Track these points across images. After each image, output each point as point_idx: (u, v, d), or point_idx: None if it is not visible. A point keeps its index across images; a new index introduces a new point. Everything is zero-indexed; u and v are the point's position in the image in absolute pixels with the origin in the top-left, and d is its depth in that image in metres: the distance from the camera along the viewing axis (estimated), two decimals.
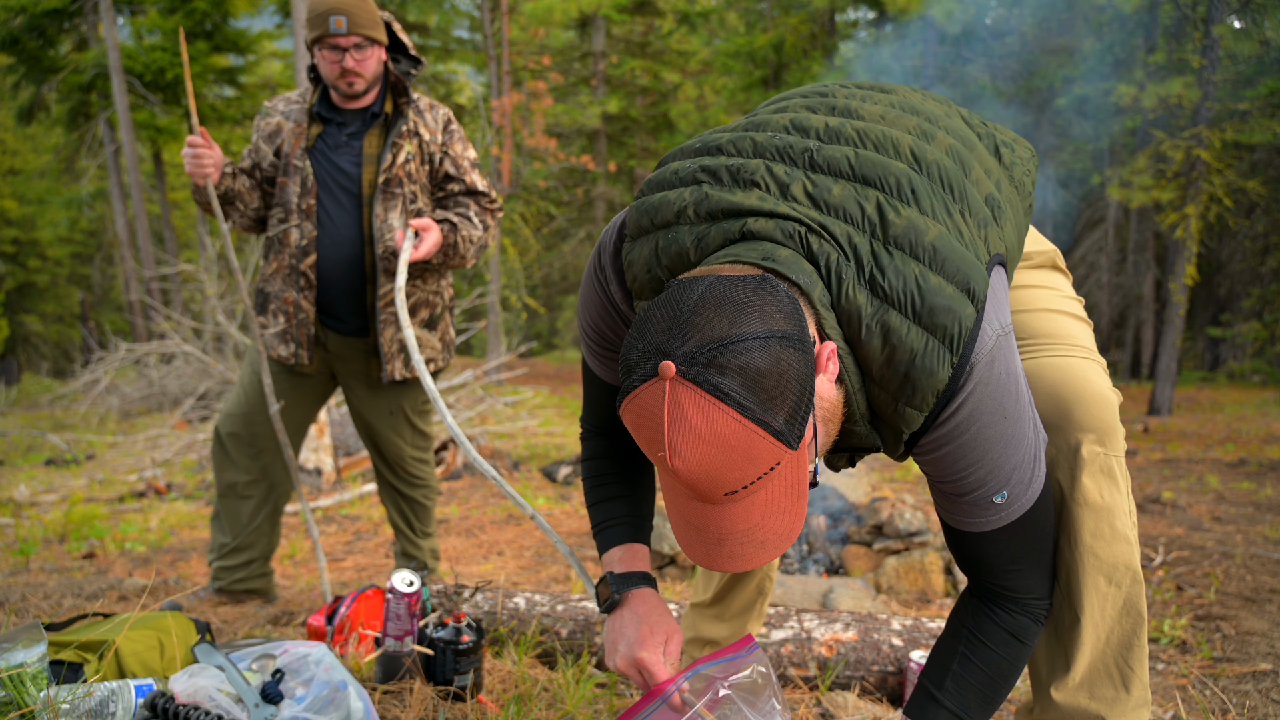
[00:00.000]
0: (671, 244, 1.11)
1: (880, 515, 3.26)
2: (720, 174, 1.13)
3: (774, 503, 0.98)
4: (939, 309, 1.02)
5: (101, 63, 14.85)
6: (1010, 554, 1.21)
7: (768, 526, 0.99)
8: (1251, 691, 2.12)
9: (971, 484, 1.13)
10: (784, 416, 0.92)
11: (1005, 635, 1.25)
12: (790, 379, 0.92)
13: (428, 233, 2.44)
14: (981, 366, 1.05)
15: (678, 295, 0.97)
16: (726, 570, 1.03)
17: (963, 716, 1.25)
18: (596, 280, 1.28)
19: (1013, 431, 1.11)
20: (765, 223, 1.06)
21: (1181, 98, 10.90)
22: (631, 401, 0.96)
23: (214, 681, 1.45)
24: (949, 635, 1.30)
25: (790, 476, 0.97)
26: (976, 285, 1.04)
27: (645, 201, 1.17)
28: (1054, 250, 1.45)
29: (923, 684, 1.29)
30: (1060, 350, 1.29)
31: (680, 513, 1.02)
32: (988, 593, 1.26)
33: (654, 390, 0.93)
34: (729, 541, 0.99)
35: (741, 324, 0.92)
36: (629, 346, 0.99)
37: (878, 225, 1.05)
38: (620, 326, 1.29)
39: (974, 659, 1.25)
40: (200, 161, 2.40)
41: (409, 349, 2.02)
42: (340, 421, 6.19)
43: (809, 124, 1.18)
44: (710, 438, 0.91)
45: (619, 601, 1.36)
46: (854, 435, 1.11)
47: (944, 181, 1.11)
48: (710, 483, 0.94)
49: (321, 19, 2.40)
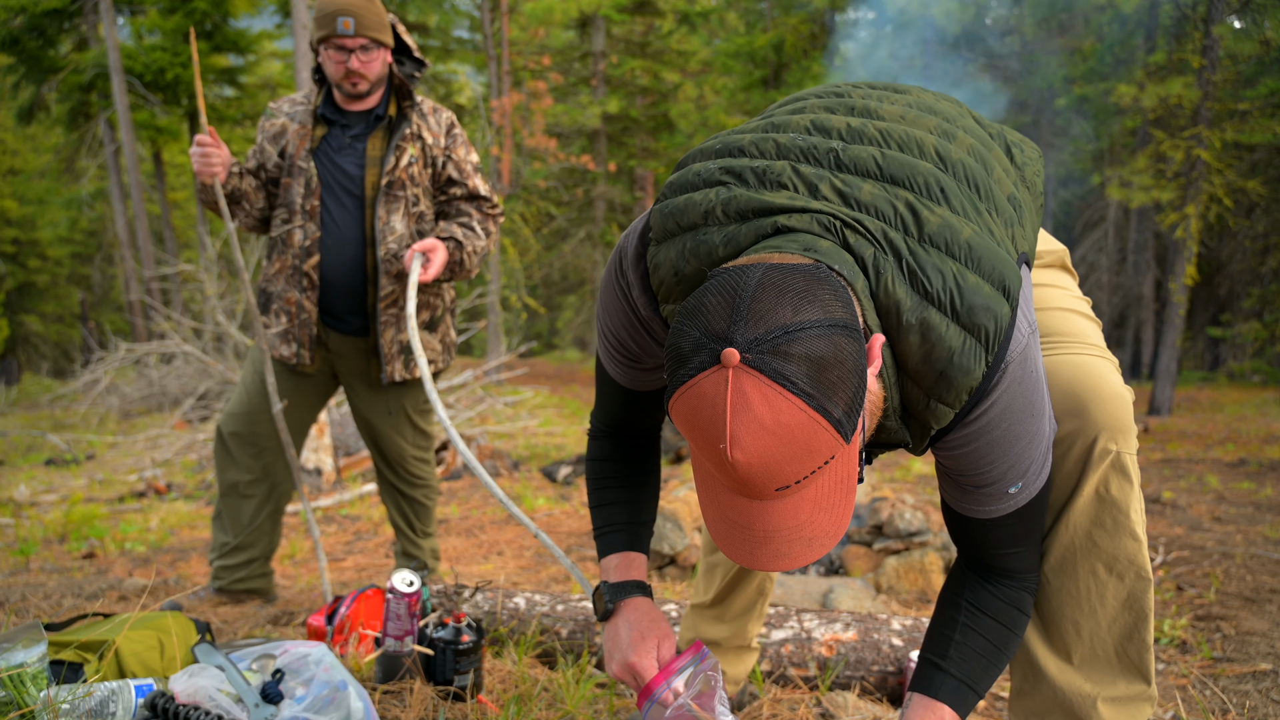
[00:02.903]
0: (700, 245, 1.09)
1: (880, 515, 3.26)
2: (745, 175, 1.12)
3: (824, 498, 0.95)
4: (978, 308, 1.01)
5: (101, 63, 14.85)
6: (1014, 537, 1.22)
7: (816, 523, 0.96)
8: (1251, 691, 2.12)
9: (992, 477, 1.14)
10: (843, 407, 0.89)
11: (1004, 606, 1.26)
12: (850, 369, 0.90)
13: (434, 253, 2.45)
14: (1015, 365, 1.05)
15: (733, 282, 0.93)
16: (771, 570, 1.00)
17: (969, 683, 1.25)
18: (617, 285, 1.26)
19: (1036, 428, 1.12)
20: (800, 217, 1.05)
21: (1181, 98, 10.91)
22: (687, 391, 0.91)
23: (214, 681, 1.45)
24: (947, 607, 1.30)
25: (842, 471, 0.95)
26: (1011, 284, 1.04)
27: (669, 204, 1.15)
28: (1063, 250, 1.46)
29: (925, 658, 1.29)
30: (1075, 348, 1.29)
31: (721, 510, 0.98)
32: (984, 569, 1.27)
33: (715, 379, 0.89)
34: (776, 539, 0.96)
35: (804, 311, 0.89)
36: (679, 334, 0.94)
37: (911, 223, 1.04)
38: (640, 332, 1.27)
39: (976, 629, 1.26)
40: (208, 160, 2.41)
41: (420, 365, 2.06)
42: (340, 421, 6.19)
43: (830, 125, 1.17)
44: (775, 428, 0.87)
45: (613, 610, 1.39)
46: (885, 430, 1.10)
47: (970, 181, 1.11)
48: (766, 476, 0.90)
49: (329, 19, 2.40)
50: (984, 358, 1.02)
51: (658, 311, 1.19)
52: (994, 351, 1.02)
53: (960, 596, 1.28)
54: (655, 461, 1.51)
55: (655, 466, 1.51)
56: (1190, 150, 10.83)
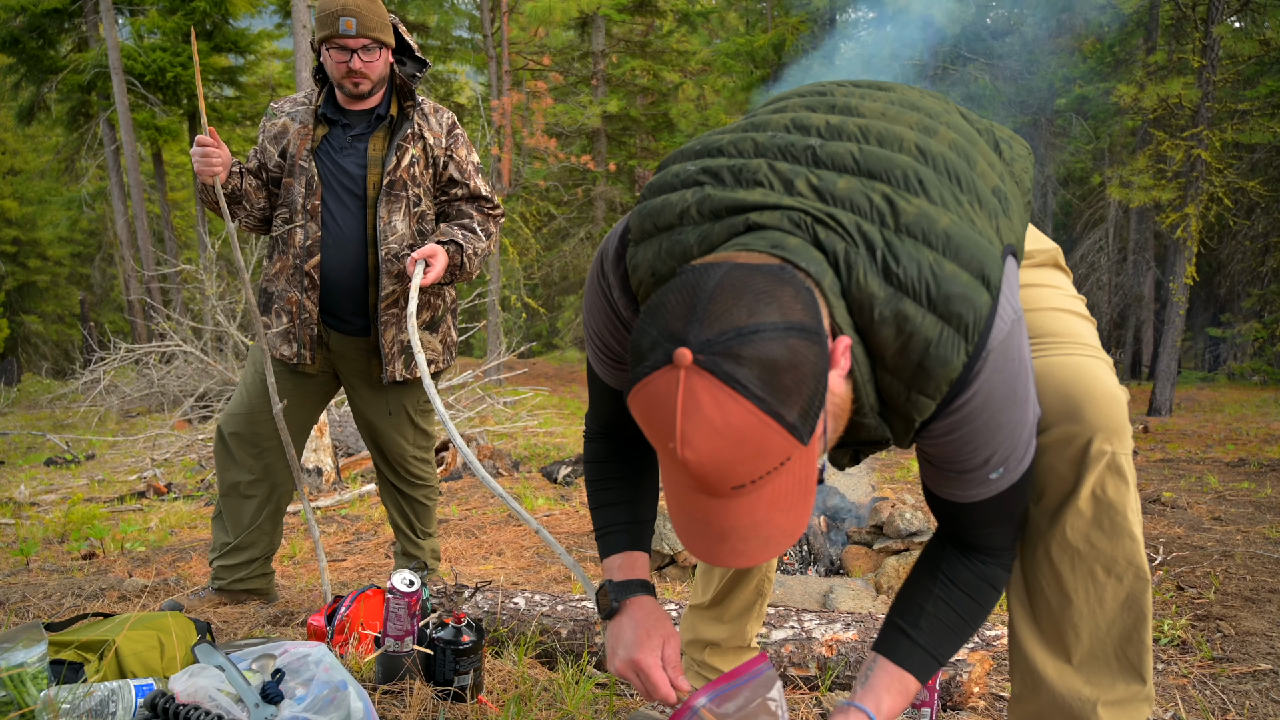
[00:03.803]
0: (676, 245, 1.11)
1: (880, 515, 3.26)
2: (722, 174, 1.13)
3: (781, 498, 0.96)
4: (954, 297, 1.01)
5: (101, 63, 14.86)
6: (993, 518, 1.23)
7: (773, 522, 0.97)
8: (1251, 691, 2.12)
9: (974, 464, 1.14)
10: (798, 410, 0.90)
11: (979, 581, 1.26)
12: (806, 373, 0.90)
13: (435, 259, 2.45)
14: (996, 354, 1.04)
15: (694, 280, 0.94)
16: (729, 566, 1.01)
17: (934, 654, 1.26)
18: (600, 287, 1.27)
19: (1019, 416, 1.11)
20: (771, 214, 1.05)
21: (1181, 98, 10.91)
22: (643, 389, 0.93)
23: (214, 681, 1.45)
24: (923, 575, 1.30)
25: (799, 472, 0.95)
26: (991, 271, 1.03)
27: (647, 205, 1.16)
28: (1055, 249, 1.45)
29: (894, 622, 1.29)
30: (1068, 349, 1.29)
31: (683, 506, 1.00)
32: (962, 545, 1.28)
33: (668, 378, 0.90)
34: (733, 537, 0.97)
35: (760, 313, 0.90)
36: (640, 332, 0.95)
37: (887, 214, 1.04)
38: (623, 333, 1.27)
39: (949, 601, 1.26)
40: (209, 160, 2.41)
41: (421, 367, 2.07)
42: (340, 421, 6.19)
43: (809, 123, 1.18)
44: (724, 429, 0.88)
45: (617, 609, 1.39)
46: (863, 428, 1.10)
47: (950, 173, 1.10)
48: (719, 475, 0.91)
49: (331, 19, 2.40)
50: (963, 348, 1.01)
51: (638, 312, 1.19)
52: (973, 341, 1.02)
53: (938, 567, 1.28)
54: (653, 460, 1.51)
55: (653, 465, 1.51)
56: (1190, 150, 10.83)
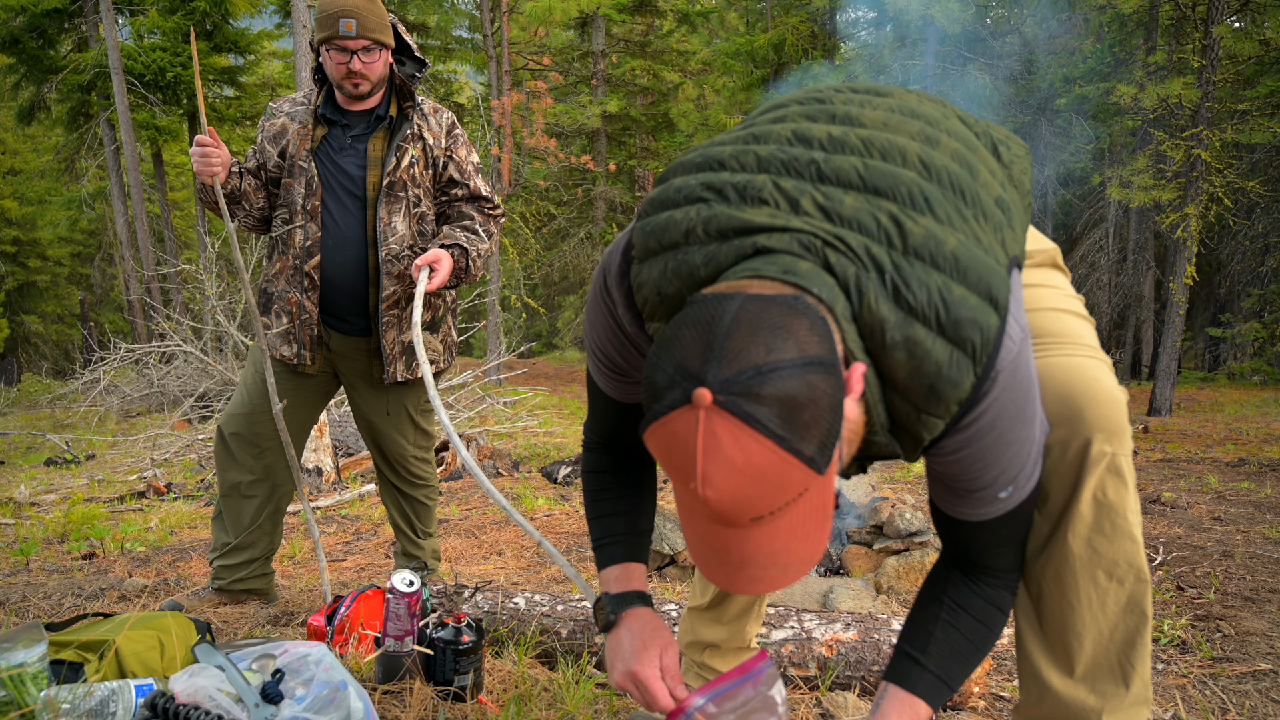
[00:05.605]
0: (682, 265, 1.09)
1: (880, 515, 3.26)
2: (726, 191, 1.11)
3: (799, 526, 0.96)
4: (964, 321, 1.00)
5: (101, 63, 14.86)
6: (1000, 538, 1.23)
7: (791, 550, 0.97)
8: (1251, 691, 2.12)
9: (984, 482, 1.14)
10: (816, 444, 0.90)
11: (986, 605, 1.27)
12: (824, 406, 0.90)
13: (440, 264, 2.45)
14: (1005, 374, 1.04)
15: (708, 314, 0.93)
16: (748, 593, 1.01)
17: (944, 679, 1.27)
18: (603, 302, 1.26)
19: (1027, 433, 1.12)
20: (780, 237, 1.04)
21: (1181, 98, 10.91)
22: (660, 428, 0.93)
23: (214, 681, 1.45)
24: (930, 601, 1.30)
25: (816, 501, 0.96)
26: (999, 292, 1.03)
27: (650, 222, 1.14)
28: (1054, 248, 1.44)
29: (904, 649, 1.29)
30: (1068, 350, 1.29)
31: (700, 535, 1.00)
32: (968, 566, 1.28)
33: (687, 418, 0.90)
34: (751, 565, 0.98)
35: (777, 350, 0.89)
36: (654, 367, 0.95)
37: (895, 236, 1.04)
38: (627, 348, 1.27)
39: (957, 626, 1.27)
40: (208, 160, 2.41)
41: (423, 369, 2.06)
42: (340, 421, 6.19)
43: (811, 134, 1.16)
44: (746, 468, 0.89)
45: (614, 622, 1.39)
46: (874, 445, 1.10)
47: (955, 187, 1.10)
48: (738, 509, 0.92)
49: (331, 20, 2.40)
50: (972, 369, 1.02)
51: (644, 328, 1.19)
52: (982, 363, 1.02)
53: (944, 593, 1.28)
54: (651, 471, 1.52)
55: (651, 476, 1.51)
56: (1190, 150, 10.83)
